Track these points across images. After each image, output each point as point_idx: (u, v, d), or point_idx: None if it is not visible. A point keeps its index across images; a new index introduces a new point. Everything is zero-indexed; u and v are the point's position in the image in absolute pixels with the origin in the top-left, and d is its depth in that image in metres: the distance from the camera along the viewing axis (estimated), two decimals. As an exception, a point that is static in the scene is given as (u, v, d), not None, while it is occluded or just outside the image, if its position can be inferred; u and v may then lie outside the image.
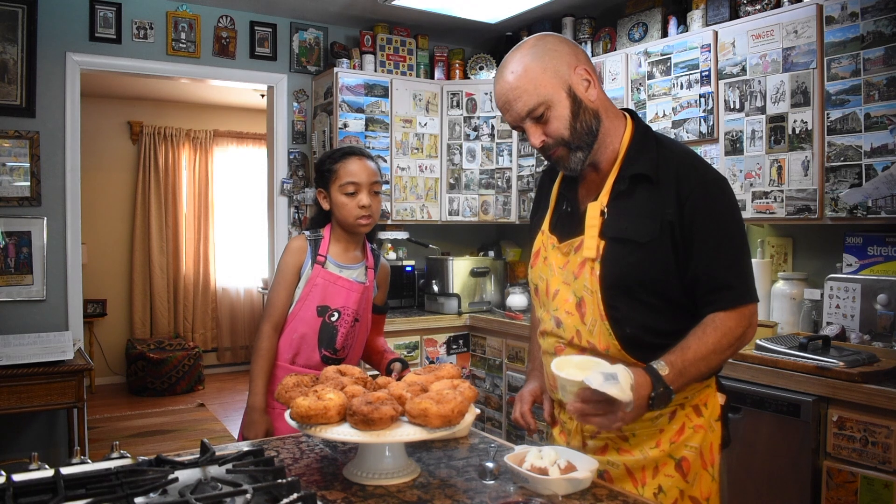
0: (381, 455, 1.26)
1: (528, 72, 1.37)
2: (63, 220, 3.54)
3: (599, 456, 1.42)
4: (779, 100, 2.68)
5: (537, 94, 1.37)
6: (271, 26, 4.06)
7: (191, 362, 6.06)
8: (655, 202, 1.37)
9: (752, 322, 1.37)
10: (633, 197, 1.40)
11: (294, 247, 2.04)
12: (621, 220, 1.39)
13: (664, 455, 1.39)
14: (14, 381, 2.83)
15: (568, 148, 1.41)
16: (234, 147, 7.01)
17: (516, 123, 1.42)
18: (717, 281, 1.35)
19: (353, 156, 2.02)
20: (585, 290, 1.40)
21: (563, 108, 1.38)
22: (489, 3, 3.76)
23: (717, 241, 1.36)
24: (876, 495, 2.03)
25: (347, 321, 2.00)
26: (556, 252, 1.48)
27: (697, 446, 1.40)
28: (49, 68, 3.48)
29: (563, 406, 1.50)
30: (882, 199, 2.37)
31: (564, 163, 1.43)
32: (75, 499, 1.05)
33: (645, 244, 1.36)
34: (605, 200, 1.41)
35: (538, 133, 1.40)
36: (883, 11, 2.36)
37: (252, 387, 1.96)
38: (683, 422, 1.41)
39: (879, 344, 2.41)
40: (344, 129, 3.89)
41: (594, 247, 1.39)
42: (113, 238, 6.45)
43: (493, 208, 4.18)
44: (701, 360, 1.31)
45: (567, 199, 1.53)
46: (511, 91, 1.39)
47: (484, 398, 3.83)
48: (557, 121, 1.38)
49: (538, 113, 1.38)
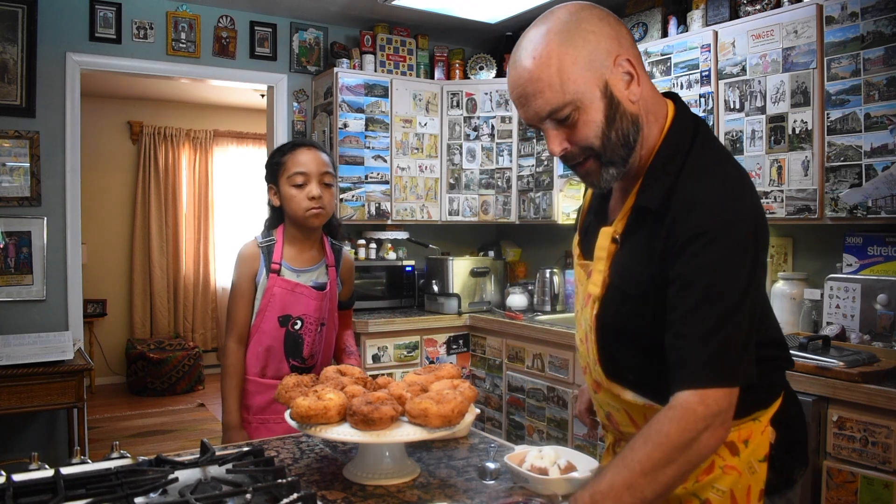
0: (381, 455, 1.26)
1: (554, 60, 1.07)
2: (63, 220, 3.54)
3: None
4: (779, 100, 2.68)
5: (564, 90, 1.07)
6: (271, 26, 4.06)
7: (191, 362, 6.05)
8: (648, 248, 1.12)
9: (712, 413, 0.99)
10: (637, 234, 1.15)
11: (245, 255, 1.95)
12: (620, 264, 1.17)
13: (687, 493, 1.19)
14: (14, 381, 2.83)
15: (599, 161, 1.12)
16: (234, 147, 7.01)
17: (533, 123, 1.13)
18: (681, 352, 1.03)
19: (303, 147, 1.94)
20: (587, 324, 1.23)
21: (596, 111, 1.09)
22: (489, 3, 3.76)
23: (693, 286, 1.04)
24: (876, 495, 2.03)
25: (312, 328, 1.93)
26: (579, 269, 1.31)
27: (727, 490, 1.16)
28: (49, 68, 3.48)
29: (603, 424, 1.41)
30: (882, 199, 2.37)
31: (593, 178, 1.15)
32: (75, 499, 1.05)
33: (632, 297, 1.14)
34: (619, 228, 1.17)
35: (560, 139, 1.11)
36: (883, 11, 2.36)
37: (225, 405, 1.94)
38: (714, 460, 1.16)
39: (879, 344, 2.41)
40: (344, 129, 3.89)
41: (600, 283, 1.18)
42: (113, 238, 6.45)
43: (493, 208, 4.18)
44: (622, 489, 0.96)
45: (595, 208, 1.31)
46: (530, 83, 1.08)
47: (484, 398, 3.83)
48: (587, 127, 1.09)
49: (563, 115, 1.08)
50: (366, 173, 3.97)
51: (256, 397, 1.93)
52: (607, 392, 1.24)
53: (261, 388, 1.92)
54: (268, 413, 1.92)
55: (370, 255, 4.13)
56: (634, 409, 1.21)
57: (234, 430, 1.92)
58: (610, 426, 1.35)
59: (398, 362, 3.73)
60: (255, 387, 1.93)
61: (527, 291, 3.98)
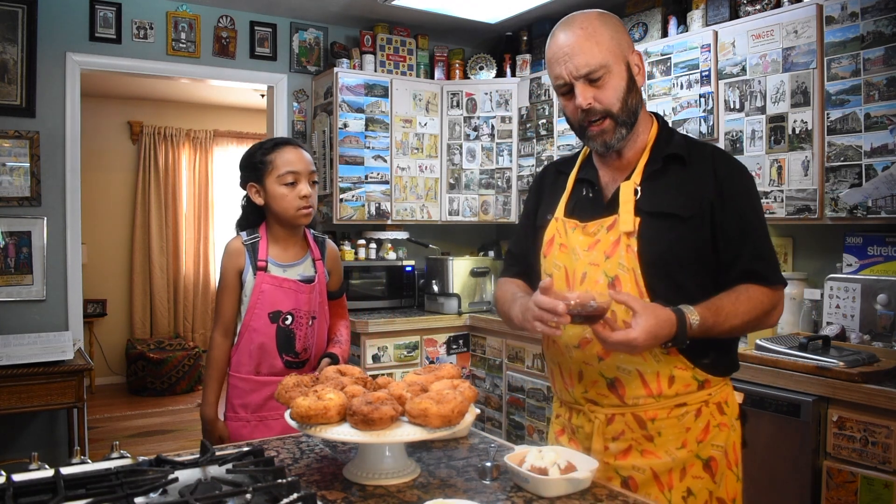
0: (381, 455, 1.26)
1: (598, 32, 1.35)
2: (63, 220, 3.54)
3: (622, 460, 1.39)
4: (779, 100, 2.68)
5: (601, 55, 1.34)
6: (271, 26, 4.05)
7: (191, 362, 6.05)
8: (691, 182, 1.38)
9: (780, 304, 1.39)
10: (667, 176, 1.40)
11: (231, 250, 1.95)
12: (659, 196, 1.38)
13: (692, 455, 1.36)
14: (14, 381, 2.83)
15: (615, 122, 1.38)
16: (234, 147, 7.01)
17: (568, 79, 1.37)
18: (753, 261, 1.36)
19: (289, 145, 1.94)
20: (621, 267, 1.36)
21: (620, 79, 1.37)
22: (489, 3, 3.76)
23: (753, 224, 1.38)
24: (876, 495, 2.03)
25: (303, 322, 1.92)
26: (579, 234, 1.43)
27: (723, 445, 1.38)
28: (49, 68, 3.48)
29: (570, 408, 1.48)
30: (882, 199, 2.37)
31: (606, 137, 1.40)
32: (75, 499, 1.05)
33: (687, 219, 1.35)
34: (637, 180, 1.40)
35: (588, 95, 1.36)
36: (883, 11, 2.36)
37: (204, 396, 1.96)
38: (708, 420, 1.38)
39: (879, 344, 2.41)
40: (344, 129, 3.89)
41: (630, 221, 1.36)
42: (113, 238, 6.45)
43: (493, 208, 4.18)
44: (728, 322, 1.30)
45: (587, 184, 1.50)
46: (577, 44, 1.35)
47: (484, 398, 3.83)
48: (612, 90, 1.36)
49: (597, 75, 1.35)
50: (366, 173, 3.97)
51: (253, 395, 1.92)
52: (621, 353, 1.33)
53: (257, 385, 1.92)
54: (265, 410, 1.91)
55: (370, 255, 4.13)
56: (651, 365, 1.34)
57: (208, 422, 1.94)
58: (607, 397, 1.39)
59: (398, 362, 3.73)
60: (251, 385, 1.92)
61: (527, 291, 3.98)
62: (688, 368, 1.36)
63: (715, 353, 1.39)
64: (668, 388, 1.35)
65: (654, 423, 1.36)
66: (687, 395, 1.36)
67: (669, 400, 1.36)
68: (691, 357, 1.35)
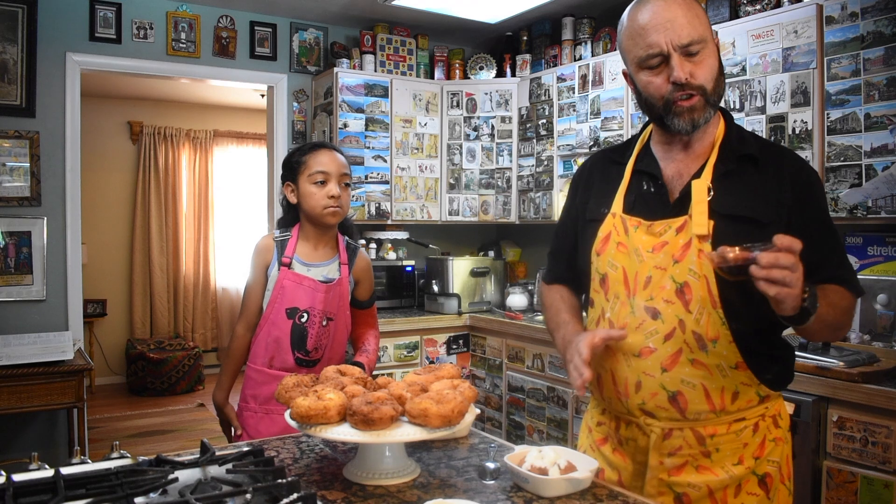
0: (381, 455, 1.26)
1: (695, 6, 1.30)
2: (63, 220, 3.54)
3: (676, 476, 1.32)
4: (779, 100, 2.68)
5: (702, 28, 1.28)
6: (271, 26, 4.06)
7: (191, 362, 6.05)
8: (767, 185, 1.30)
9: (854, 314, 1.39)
10: (741, 177, 1.31)
11: (260, 246, 2.03)
12: (734, 198, 1.29)
13: (748, 472, 1.31)
14: (14, 381, 2.83)
15: (705, 100, 1.29)
16: (234, 147, 7.01)
17: (667, 48, 1.27)
18: (839, 268, 1.31)
19: (324, 148, 2.02)
20: (691, 273, 1.27)
21: (714, 58, 1.31)
22: (489, 3, 3.76)
23: (832, 230, 1.33)
24: (876, 495, 2.03)
25: (317, 321, 1.97)
26: (643, 233, 1.33)
27: (777, 461, 1.33)
28: (49, 68, 3.48)
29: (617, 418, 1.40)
30: (882, 199, 2.37)
31: (696, 114, 1.30)
32: (75, 499, 1.05)
33: (767, 225, 1.25)
34: (709, 178, 1.30)
35: (686, 68, 1.27)
36: (883, 11, 2.37)
37: (217, 381, 2.10)
38: (765, 434, 1.32)
39: (879, 344, 2.41)
40: (344, 129, 3.89)
41: (704, 223, 1.26)
42: (113, 238, 6.45)
43: (493, 208, 4.18)
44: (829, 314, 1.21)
45: (648, 177, 1.39)
46: (680, 13, 1.27)
47: (484, 398, 3.83)
48: (707, 67, 1.29)
49: (696, 48, 1.27)
50: (366, 173, 3.97)
51: (263, 387, 1.98)
52: (686, 364, 1.28)
53: (267, 378, 1.97)
54: (273, 404, 1.96)
55: (370, 255, 4.13)
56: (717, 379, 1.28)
57: (220, 407, 2.06)
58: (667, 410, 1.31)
59: (398, 362, 3.73)
60: (262, 377, 1.98)
61: (527, 291, 3.98)
62: (753, 384, 1.30)
63: (778, 366, 1.35)
64: (730, 404, 1.30)
65: (713, 440, 1.30)
66: (748, 409, 1.31)
67: (730, 415, 1.30)
68: (757, 371, 1.30)
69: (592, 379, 1.38)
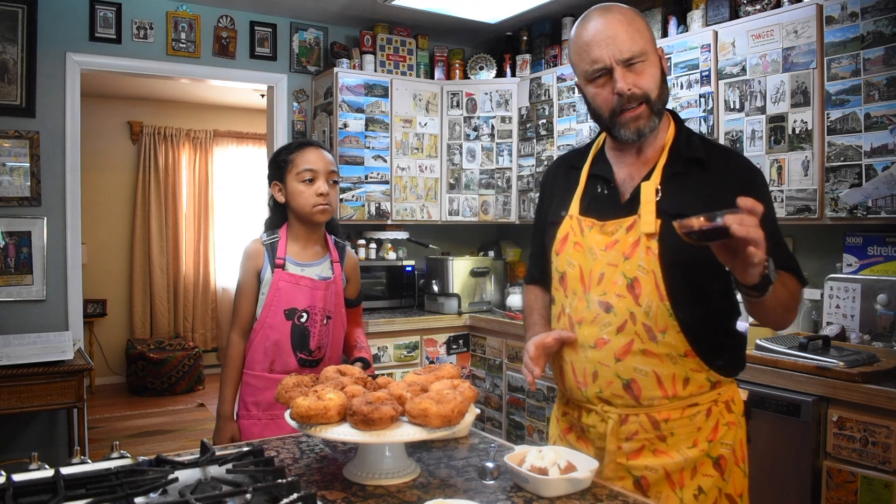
0: (381, 455, 1.26)
1: (637, 20, 1.37)
2: (63, 220, 3.54)
3: (634, 460, 1.39)
4: (779, 100, 2.68)
5: (643, 41, 1.35)
6: (271, 26, 4.06)
7: (191, 362, 6.05)
8: (713, 186, 1.37)
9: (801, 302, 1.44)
10: (687, 180, 1.39)
11: (249, 251, 2.00)
12: (681, 198, 1.36)
13: (702, 454, 1.38)
14: (14, 381, 2.83)
15: (650, 109, 1.37)
16: (234, 147, 7.01)
17: (610, 63, 1.35)
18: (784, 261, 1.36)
19: (310, 146, 2.00)
20: (640, 269, 1.36)
21: (656, 67, 1.38)
22: (489, 3, 3.76)
23: (776, 227, 1.39)
24: (876, 495, 2.03)
25: (318, 320, 1.96)
26: (597, 233, 1.42)
27: (731, 443, 1.40)
28: (49, 68, 3.48)
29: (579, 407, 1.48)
30: (882, 199, 2.37)
31: (641, 123, 1.38)
32: (75, 499, 1.05)
33: None
34: (657, 180, 1.39)
35: (629, 80, 1.35)
36: (883, 11, 2.37)
37: (221, 394, 2.01)
38: (717, 419, 1.40)
39: (879, 344, 2.41)
40: (344, 129, 3.89)
41: (652, 222, 1.35)
42: (113, 238, 6.45)
43: (493, 208, 4.18)
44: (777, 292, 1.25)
45: (602, 181, 1.48)
46: (620, 28, 1.35)
47: (484, 398, 3.83)
48: (650, 76, 1.36)
49: (637, 60, 1.35)
50: (366, 173, 3.97)
51: (266, 393, 1.94)
52: (638, 354, 1.35)
53: (269, 383, 1.94)
54: (277, 408, 1.93)
55: (370, 255, 4.13)
56: (668, 367, 1.35)
57: (223, 420, 1.98)
58: (622, 398, 1.38)
59: (398, 362, 3.74)
60: (264, 382, 1.95)
61: (527, 291, 3.98)
62: (702, 370, 1.37)
63: (728, 354, 1.42)
64: (682, 390, 1.37)
65: (668, 424, 1.37)
66: (699, 395, 1.38)
67: (683, 401, 1.37)
68: (707, 358, 1.37)
69: (556, 373, 1.52)
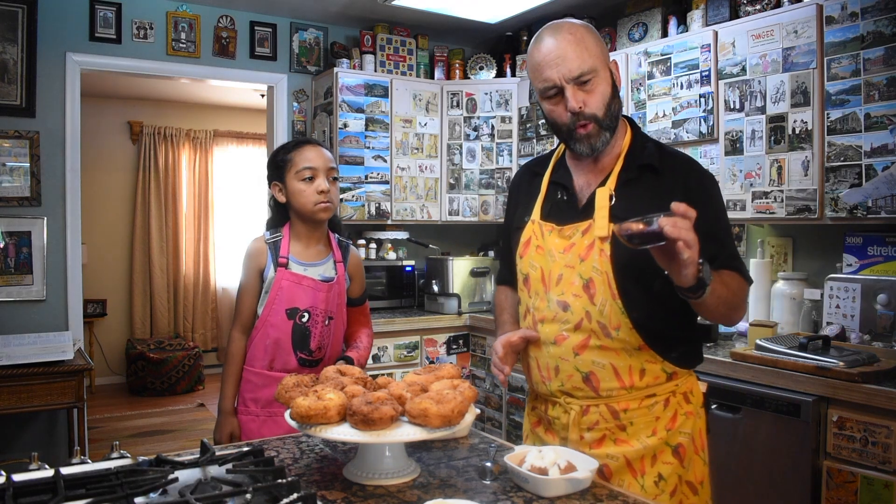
0: (381, 455, 1.26)
1: (586, 38, 1.42)
2: (63, 220, 3.54)
3: (596, 449, 1.45)
4: (779, 100, 2.68)
5: (592, 59, 1.40)
6: (271, 26, 4.06)
7: (191, 362, 6.06)
8: (663, 190, 1.42)
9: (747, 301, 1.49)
10: (640, 185, 1.46)
11: (252, 250, 2.00)
12: (633, 203, 1.41)
13: (661, 443, 1.44)
14: (14, 381, 2.83)
15: (599, 126, 1.44)
16: (234, 147, 7.01)
17: (560, 82, 1.41)
18: (730, 260, 1.44)
19: (308, 144, 2.00)
20: (595, 270, 1.43)
21: (606, 84, 1.44)
22: (489, 3, 3.76)
23: (725, 228, 1.49)
24: (876, 495, 2.03)
25: (319, 321, 1.95)
26: (556, 237, 1.50)
27: (689, 432, 1.46)
28: (49, 68, 3.48)
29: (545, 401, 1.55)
30: (882, 199, 2.37)
31: (591, 141, 1.45)
32: (75, 499, 1.05)
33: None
34: (612, 187, 1.46)
35: (578, 99, 1.41)
36: (883, 11, 2.36)
37: (222, 390, 2.02)
38: (676, 409, 1.46)
39: (879, 344, 2.41)
40: (344, 129, 3.89)
41: (605, 226, 1.42)
42: (113, 238, 6.45)
43: (493, 208, 4.18)
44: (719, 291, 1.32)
45: (562, 188, 1.55)
46: (569, 48, 1.40)
47: (484, 398, 3.83)
48: (599, 95, 1.42)
49: (587, 78, 1.40)
50: (366, 173, 3.97)
51: (265, 390, 1.95)
52: (595, 349, 1.43)
53: (269, 380, 1.94)
54: (276, 406, 1.93)
55: (370, 255, 4.13)
56: (624, 359, 1.43)
57: (224, 415, 2.00)
58: (582, 390, 1.46)
59: (398, 362, 3.74)
60: (263, 380, 1.95)
61: (527, 291, 3.98)
62: (657, 362, 1.44)
63: (684, 347, 1.50)
64: (639, 381, 1.44)
65: (626, 414, 1.44)
66: (656, 386, 1.45)
67: (640, 391, 1.44)
68: (661, 351, 1.44)
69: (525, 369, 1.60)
